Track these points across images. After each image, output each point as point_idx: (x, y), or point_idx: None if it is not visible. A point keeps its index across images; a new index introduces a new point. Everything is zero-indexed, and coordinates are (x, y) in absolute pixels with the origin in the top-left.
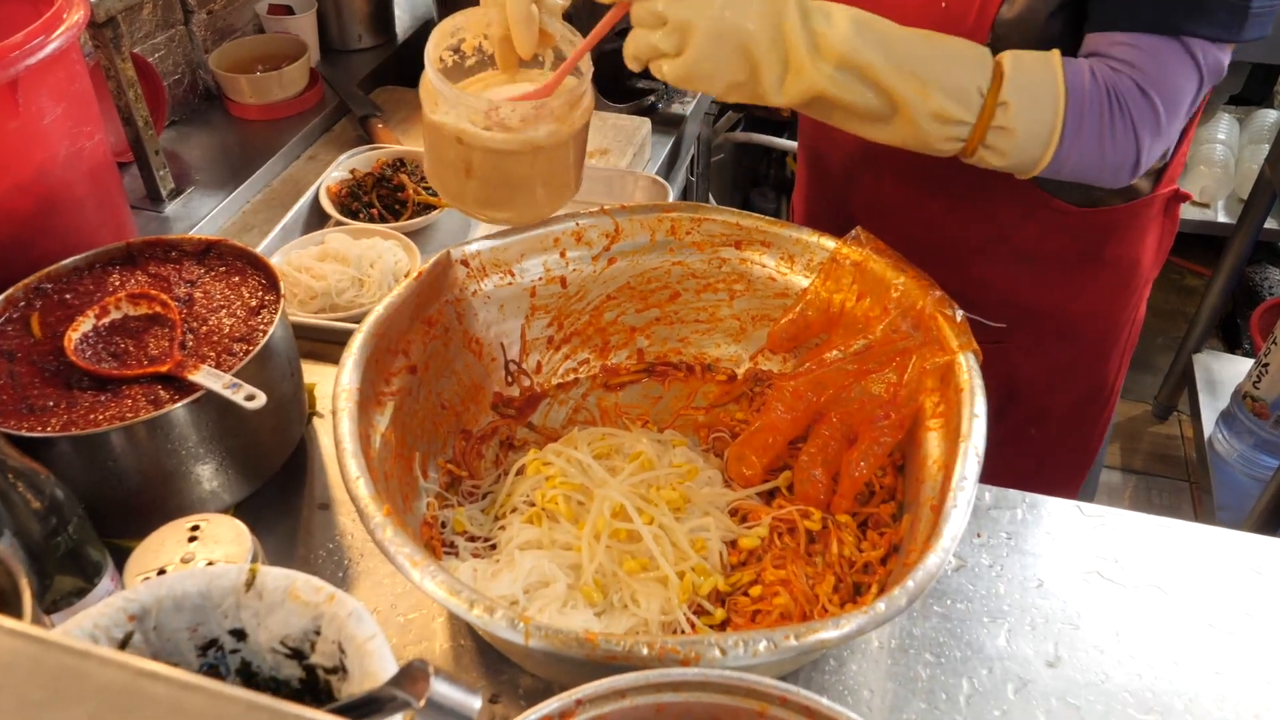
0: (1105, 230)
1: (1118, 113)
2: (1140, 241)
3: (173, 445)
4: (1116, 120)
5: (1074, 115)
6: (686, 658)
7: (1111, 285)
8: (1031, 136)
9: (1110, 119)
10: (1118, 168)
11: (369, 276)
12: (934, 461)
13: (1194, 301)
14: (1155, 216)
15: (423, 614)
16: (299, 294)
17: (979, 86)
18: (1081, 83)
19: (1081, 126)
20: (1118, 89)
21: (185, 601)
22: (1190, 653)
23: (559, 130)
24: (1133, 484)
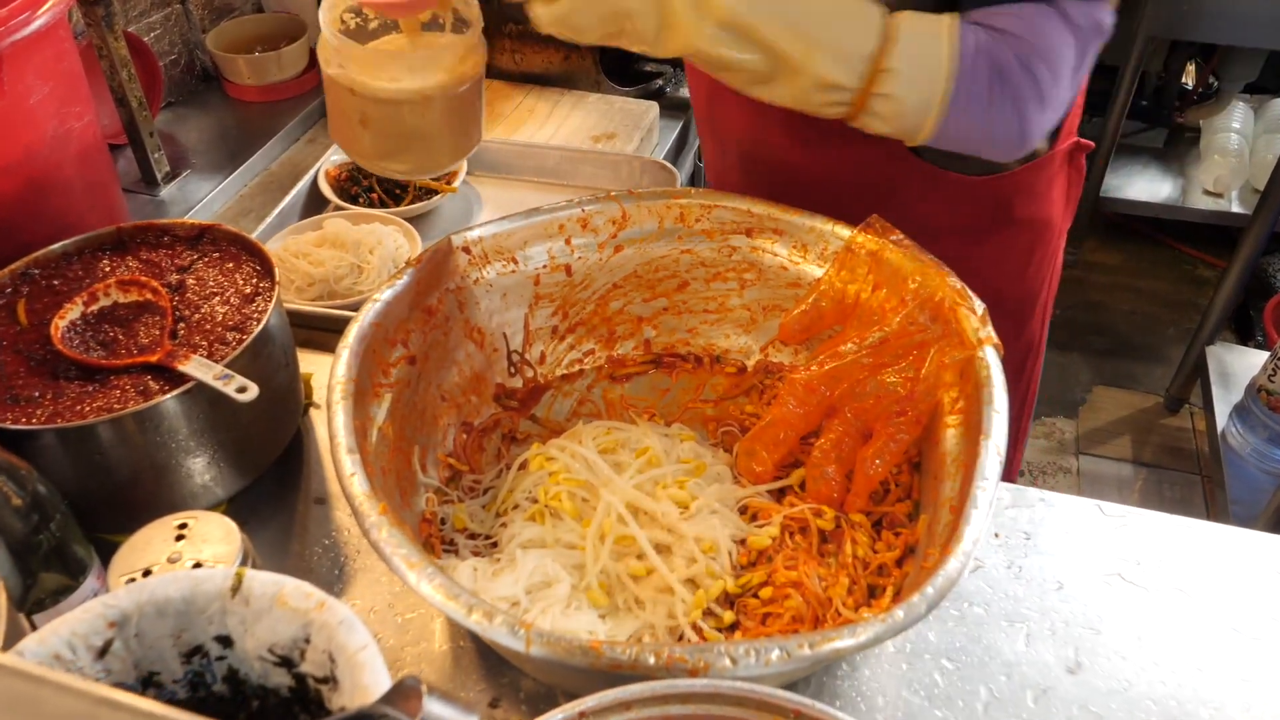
0: (1009, 194)
1: (998, 88)
2: (1047, 198)
3: (163, 438)
4: (997, 95)
5: (960, 87)
6: (695, 667)
7: (1026, 245)
8: (916, 104)
9: (991, 94)
10: (1003, 143)
11: (368, 263)
12: (953, 460)
13: (1205, 293)
14: (1059, 171)
15: (421, 614)
16: (296, 281)
17: (867, 52)
18: (969, 53)
19: (966, 100)
20: (1000, 63)
21: (168, 607)
22: (1215, 659)
23: (448, 82)
24: (1143, 477)
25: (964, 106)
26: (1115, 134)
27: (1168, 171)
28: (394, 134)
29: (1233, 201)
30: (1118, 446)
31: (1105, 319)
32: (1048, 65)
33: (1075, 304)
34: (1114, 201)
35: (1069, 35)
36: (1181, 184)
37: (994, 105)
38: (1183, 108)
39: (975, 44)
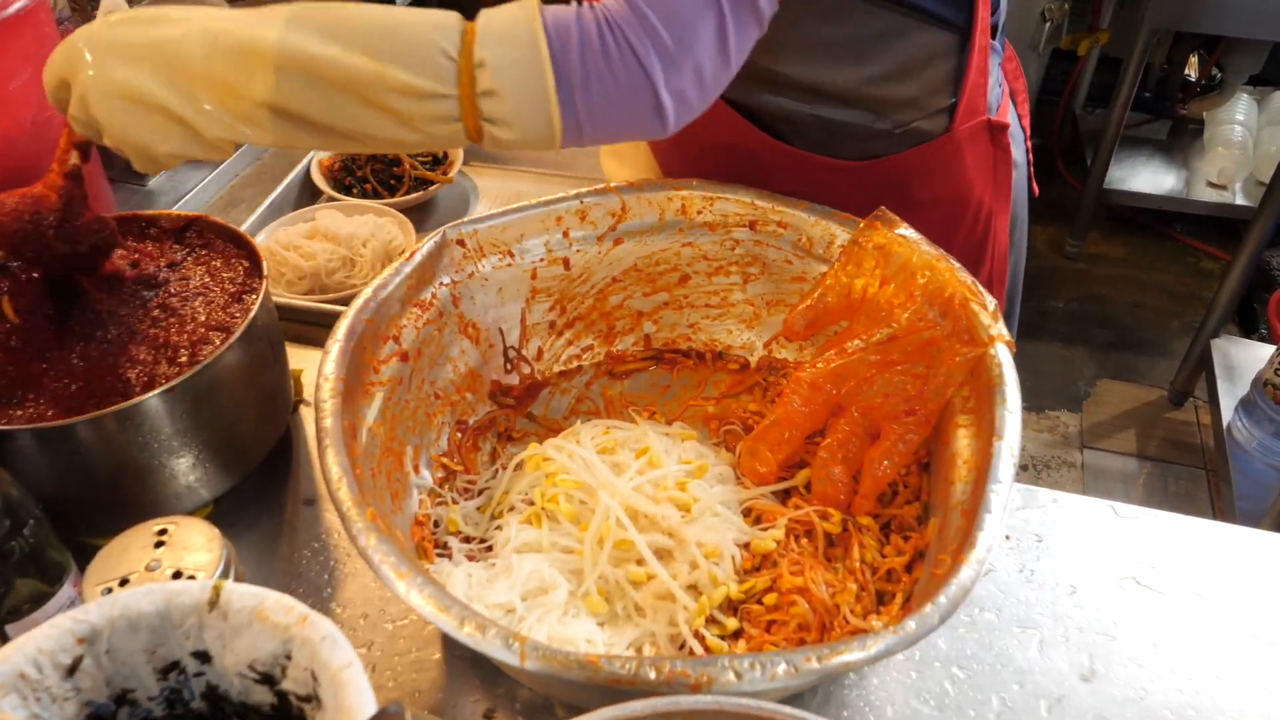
0: (903, 177)
1: (612, 41)
2: (954, 178)
3: (145, 438)
4: (612, 51)
5: (562, 56)
6: (698, 682)
7: (940, 225)
8: (527, 94)
9: (605, 51)
10: (642, 112)
11: (361, 256)
12: (964, 462)
13: (1209, 285)
14: (973, 150)
15: (414, 620)
16: (286, 274)
17: (445, 50)
18: (565, 20)
19: (576, 68)
20: (609, 15)
21: (141, 622)
22: (1233, 666)
23: None
24: (1148, 470)
25: (582, 84)
26: (1119, 126)
27: (1171, 163)
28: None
29: (1236, 194)
30: (1122, 440)
31: (1109, 312)
32: (669, 15)
33: (1079, 297)
34: (1117, 193)
35: (707, 3)
36: (1185, 176)
37: (611, 66)
38: (1186, 100)
39: (570, 12)
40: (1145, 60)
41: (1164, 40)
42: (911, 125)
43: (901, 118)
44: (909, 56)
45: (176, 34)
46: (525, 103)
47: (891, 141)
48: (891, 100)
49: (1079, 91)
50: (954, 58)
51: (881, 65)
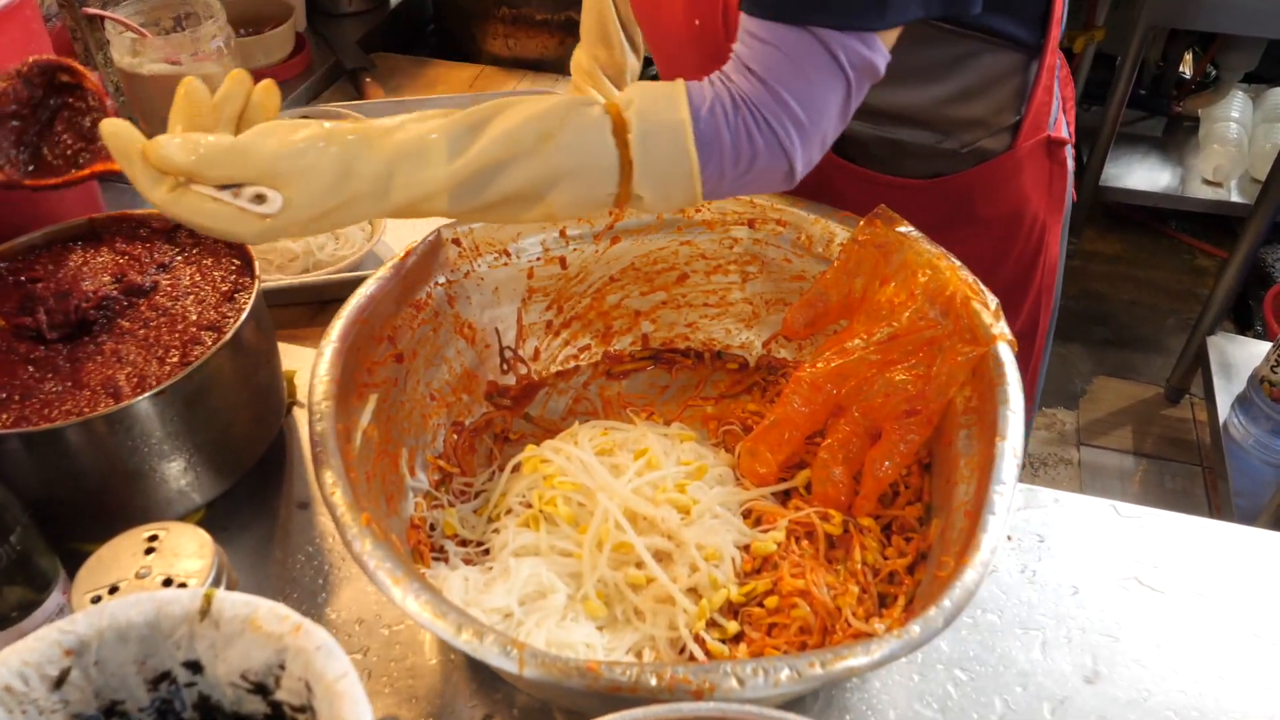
0: (965, 195)
1: (757, 131)
2: (1018, 194)
3: (135, 442)
4: (758, 139)
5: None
6: (700, 689)
7: (998, 239)
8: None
9: (750, 139)
10: (773, 181)
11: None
12: (966, 462)
13: (1204, 282)
14: (1032, 167)
15: (410, 625)
16: (275, 259)
17: (610, 192)
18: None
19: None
20: (754, 103)
21: (130, 632)
22: (1236, 666)
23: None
24: (1144, 468)
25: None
26: (1115, 123)
27: (1167, 161)
28: None
29: (1232, 191)
30: (1119, 438)
31: (1105, 309)
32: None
33: (1075, 294)
34: (1113, 190)
35: (835, 77)
36: (1181, 173)
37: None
38: (1180, 97)
39: (714, 113)
40: (1141, 58)
41: (1159, 37)
42: (977, 144)
43: (967, 137)
44: (980, 77)
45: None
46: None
47: (955, 160)
48: (959, 120)
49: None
50: (1020, 75)
51: (952, 87)
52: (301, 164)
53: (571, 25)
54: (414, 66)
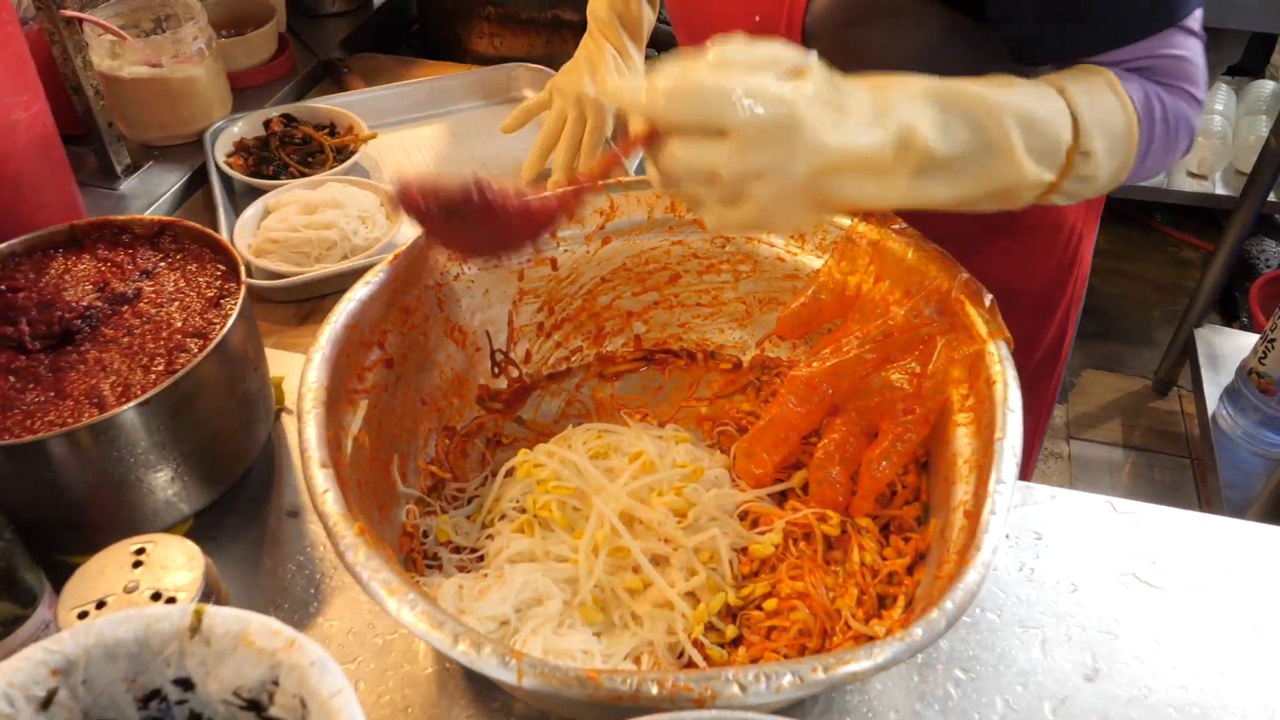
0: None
1: (1174, 125)
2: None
3: (120, 452)
4: (1180, 131)
5: (1144, 145)
6: (701, 696)
7: (1034, 249)
8: (1108, 181)
9: (1171, 135)
10: (1172, 164)
11: (367, 213)
12: (965, 461)
13: (1190, 274)
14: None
15: (403, 634)
16: (314, 251)
17: (1066, 145)
18: (1151, 110)
19: (1149, 149)
20: (1165, 100)
21: (119, 650)
22: (1237, 662)
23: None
24: (1132, 460)
25: (1148, 154)
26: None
27: None
28: None
29: (1216, 183)
30: (1108, 431)
31: (1093, 302)
32: (1193, 81)
33: None
34: None
35: (1198, 43)
36: None
37: (1173, 145)
38: None
39: (1144, 94)
40: None
41: None
42: None
43: None
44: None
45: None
46: (1106, 179)
47: None
48: None
49: None
50: None
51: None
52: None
53: (559, 24)
54: (398, 66)
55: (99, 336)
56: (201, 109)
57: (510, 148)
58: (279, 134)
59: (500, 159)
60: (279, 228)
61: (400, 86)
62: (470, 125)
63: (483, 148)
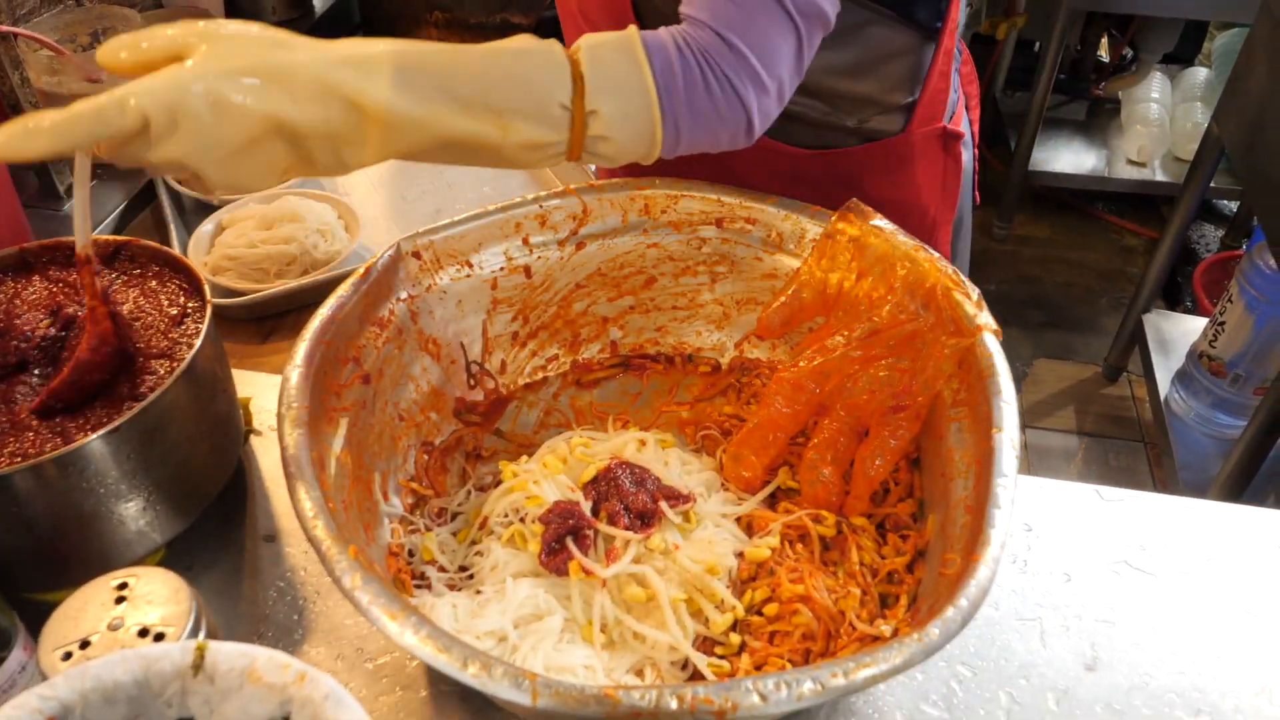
0: (856, 172)
1: (713, 78)
2: (909, 182)
3: (89, 484)
4: (714, 86)
5: (670, 101)
6: (722, 708)
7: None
8: (632, 136)
9: (708, 88)
10: (734, 133)
11: (326, 226)
12: (961, 456)
13: (1133, 261)
14: (925, 156)
15: (395, 657)
16: (274, 267)
17: (561, 102)
18: (669, 60)
19: (681, 108)
20: (706, 50)
21: (118, 693)
22: (1233, 645)
23: None
24: (1085, 446)
25: (685, 118)
26: (1041, 108)
27: (1091, 143)
28: None
29: (1156, 170)
30: (1062, 418)
31: (1040, 292)
32: (756, 45)
33: (1009, 278)
34: (1041, 174)
35: (784, 19)
36: (1106, 155)
37: (712, 101)
38: (1099, 80)
39: (677, 45)
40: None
41: (1077, 22)
42: (868, 121)
43: (858, 113)
44: (873, 51)
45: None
46: (631, 142)
47: (845, 135)
48: (849, 94)
49: (998, 75)
50: (914, 56)
51: (846, 57)
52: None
53: (508, 28)
54: None
55: (56, 363)
56: None
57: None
58: None
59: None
60: (236, 244)
61: None
62: None
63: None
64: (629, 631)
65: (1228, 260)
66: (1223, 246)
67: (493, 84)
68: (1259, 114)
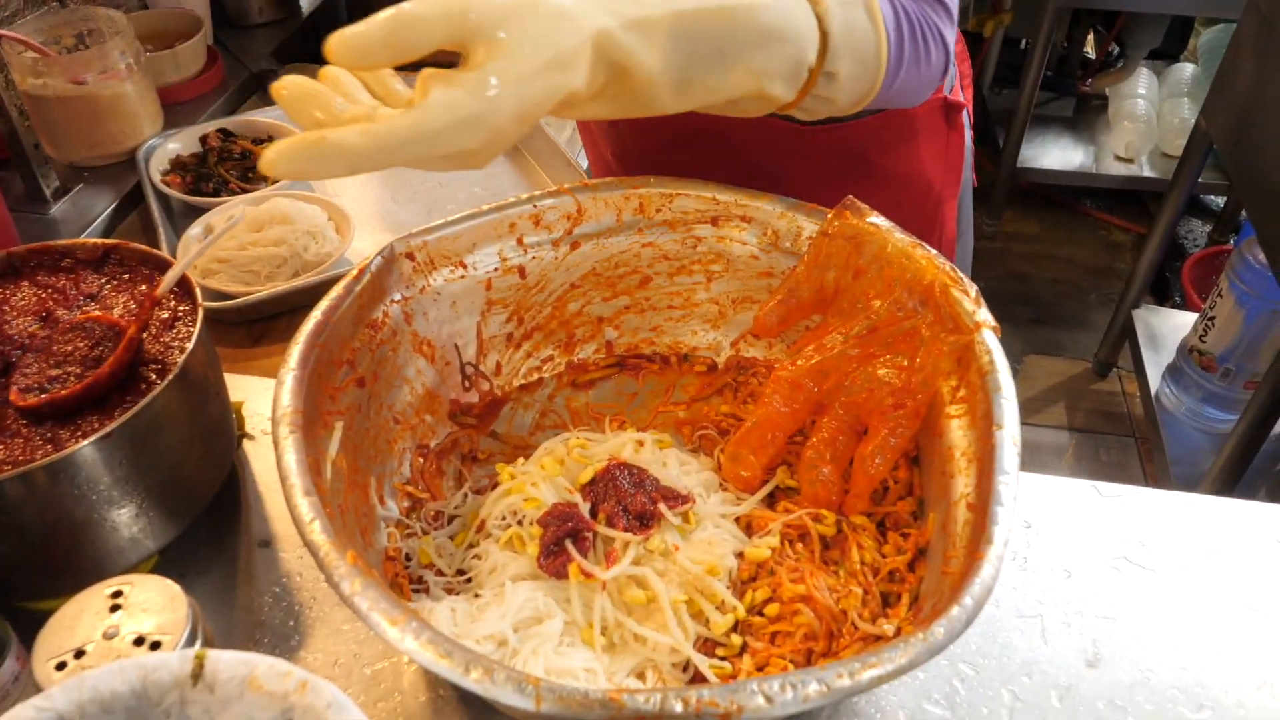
0: (860, 144)
1: (929, 32)
2: (913, 156)
3: (81, 490)
4: (930, 42)
5: (894, 63)
6: (728, 711)
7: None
8: (850, 97)
9: (925, 44)
10: (932, 83)
11: (317, 228)
12: (962, 454)
13: (1122, 257)
14: (929, 127)
15: (392, 662)
16: (264, 269)
17: (809, 64)
18: (900, 27)
19: (899, 69)
20: (913, 13)
21: (115, 704)
22: (1234, 640)
23: None
24: (1076, 442)
25: (897, 74)
26: (1028, 105)
27: (1079, 140)
28: None
29: (1143, 166)
30: (1053, 414)
31: (1029, 289)
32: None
33: (998, 275)
34: (1029, 171)
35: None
36: (1093, 151)
37: (927, 57)
38: (1085, 76)
39: (893, 9)
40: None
41: (1064, 19)
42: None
43: None
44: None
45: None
46: (844, 102)
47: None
48: None
49: (985, 73)
50: None
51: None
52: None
53: None
54: None
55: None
56: (131, 127)
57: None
58: (217, 149)
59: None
60: (226, 246)
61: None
62: None
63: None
64: (629, 634)
65: (1216, 255)
66: (1210, 241)
67: (757, 44)
68: (1247, 109)
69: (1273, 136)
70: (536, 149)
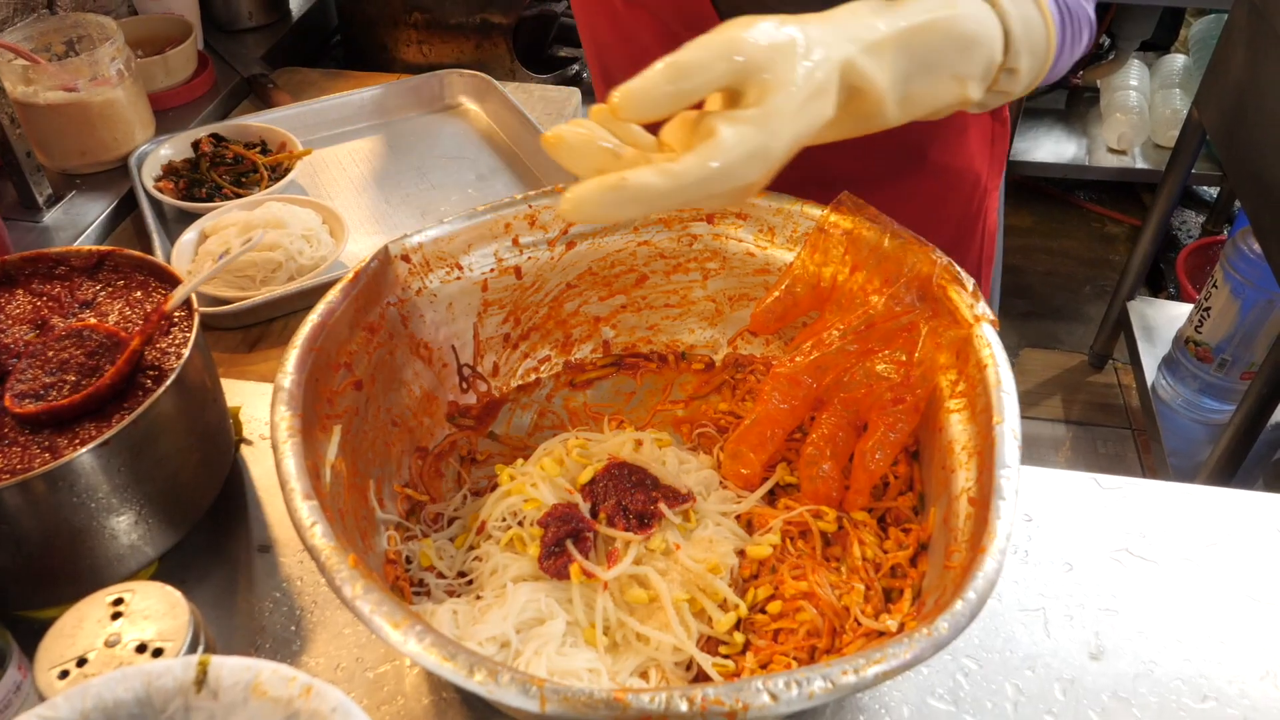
0: (920, 138)
1: (1080, 14)
2: (961, 144)
3: (80, 498)
4: (1082, 24)
5: (1058, 51)
6: (733, 709)
7: (938, 194)
8: (1020, 89)
9: (1079, 27)
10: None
11: (311, 231)
12: (962, 448)
13: (1116, 248)
14: (979, 119)
15: (394, 665)
16: (259, 274)
17: (998, 62)
18: (1061, 15)
19: (1062, 54)
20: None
21: (119, 711)
22: (1236, 630)
23: None
24: (1073, 434)
25: (1059, 60)
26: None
27: (1071, 132)
28: None
29: (1136, 158)
30: (1049, 407)
31: (1023, 281)
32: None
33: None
34: (1022, 164)
35: None
36: (1086, 143)
37: (1078, 42)
38: (1077, 69)
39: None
40: None
41: None
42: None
43: None
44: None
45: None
46: (1020, 92)
47: None
48: None
49: None
50: None
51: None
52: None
53: (489, 28)
54: (325, 79)
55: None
56: (124, 133)
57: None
58: (209, 155)
59: (440, 169)
60: (219, 251)
61: (330, 100)
62: (406, 136)
63: (420, 158)
64: (632, 633)
65: (1210, 246)
66: (1204, 232)
67: (960, 51)
68: (1239, 99)
69: (1266, 126)
70: (530, 149)
